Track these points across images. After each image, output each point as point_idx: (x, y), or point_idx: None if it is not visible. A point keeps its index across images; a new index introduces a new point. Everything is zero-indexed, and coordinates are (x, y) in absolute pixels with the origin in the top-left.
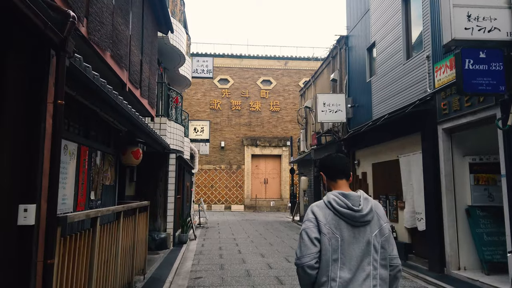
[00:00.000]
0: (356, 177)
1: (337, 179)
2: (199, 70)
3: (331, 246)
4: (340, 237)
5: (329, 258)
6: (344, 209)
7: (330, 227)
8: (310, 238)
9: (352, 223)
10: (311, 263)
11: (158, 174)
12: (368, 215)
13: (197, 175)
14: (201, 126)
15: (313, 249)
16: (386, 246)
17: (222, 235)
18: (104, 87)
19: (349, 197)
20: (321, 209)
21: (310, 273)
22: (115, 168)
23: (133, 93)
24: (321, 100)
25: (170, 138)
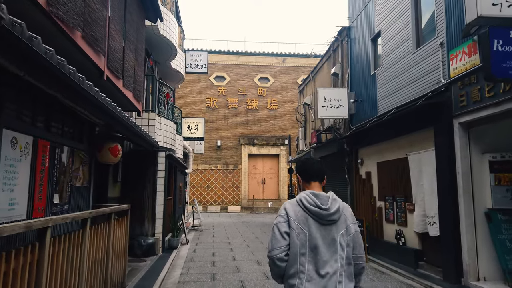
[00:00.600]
0: (359, 177)
1: (311, 181)
2: (193, 65)
3: (299, 241)
4: (308, 233)
5: (297, 251)
6: (312, 207)
7: (299, 222)
8: (280, 232)
9: (319, 221)
10: (280, 255)
11: (146, 174)
12: (335, 215)
13: (192, 175)
14: (195, 123)
15: (282, 242)
16: (351, 245)
17: (216, 239)
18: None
19: (319, 196)
20: (293, 206)
21: (280, 264)
22: (90, 167)
23: (113, 83)
24: (322, 95)
25: (160, 135)
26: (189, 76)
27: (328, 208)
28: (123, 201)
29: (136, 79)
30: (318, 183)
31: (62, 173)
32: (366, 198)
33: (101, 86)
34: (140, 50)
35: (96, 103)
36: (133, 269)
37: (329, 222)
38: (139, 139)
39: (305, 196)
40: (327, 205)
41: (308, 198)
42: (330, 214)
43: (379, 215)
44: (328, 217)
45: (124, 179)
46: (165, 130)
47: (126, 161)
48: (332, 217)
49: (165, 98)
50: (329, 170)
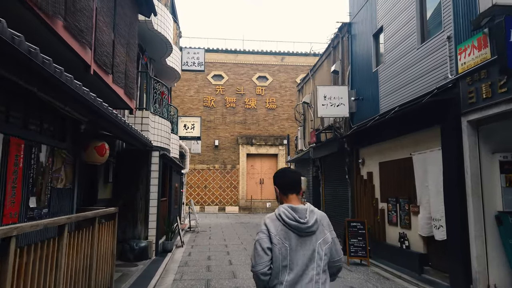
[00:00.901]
0: (360, 177)
1: (288, 193)
2: (190, 62)
3: (281, 254)
4: (289, 246)
5: (280, 264)
6: (292, 221)
7: (280, 237)
8: (263, 248)
9: (299, 233)
10: (264, 270)
11: (139, 174)
12: (313, 226)
13: (190, 175)
14: (192, 122)
15: (265, 258)
16: (329, 253)
17: (213, 241)
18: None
19: (297, 210)
20: (273, 221)
21: (264, 279)
22: (74, 167)
23: (102, 79)
24: (322, 93)
25: (154, 134)
26: (187, 74)
27: (307, 221)
28: (115, 202)
29: (128, 76)
30: (295, 195)
31: (40, 174)
32: (367, 200)
33: (88, 82)
34: (132, 45)
35: (78, 98)
36: (124, 274)
37: (308, 234)
38: (130, 137)
39: (284, 211)
40: (306, 218)
41: (287, 213)
42: (308, 227)
43: (381, 217)
44: (307, 230)
45: (116, 180)
46: (159, 129)
47: (118, 161)
48: (310, 229)
49: (160, 96)
50: (329, 170)
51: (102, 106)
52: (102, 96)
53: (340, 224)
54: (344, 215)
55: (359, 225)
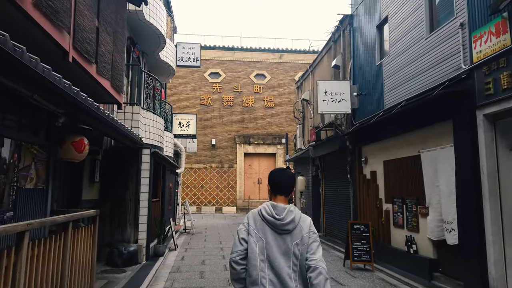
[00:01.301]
0: (363, 177)
1: (277, 194)
2: (185, 58)
3: (257, 248)
4: (265, 240)
5: (257, 257)
6: (269, 217)
7: (257, 231)
8: (239, 238)
9: (275, 230)
10: (236, 258)
11: (128, 173)
12: (289, 225)
13: (186, 174)
14: (187, 120)
15: (239, 247)
16: (304, 254)
17: (208, 244)
18: None
19: (276, 207)
20: (254, 216)
21: (236, 267)
22: (48, 165)
23: (83, 68)
24: (322, 88)
25: (145, 131)
26: (183, 72)
27: (282, 218)
28: (102, 203)
29: (115, 67)
30: (283, 197)
31: (3, 172)
32: (371, 200)
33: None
34: (120, 34)
35: (47, 85)
36: (110, 282)
37: (283, 232)
38: (116, 133)
39: (265, 207)
40: (282, 215)
41: (267, 209)
42: (283, 224)
43: (386, 219)
44: (282, 227)
45: (104, 180)
46: (151, 125)
47: (106, 159)
48: (286, 227)
49: (152, 90)
50: (330, 170)
51: (80, 96)
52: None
53: (342, 226)
54: (346, 217)
55: (363, 227)
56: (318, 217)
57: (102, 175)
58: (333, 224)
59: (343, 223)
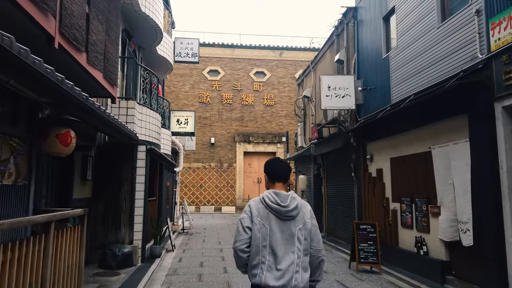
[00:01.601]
0: (368, 175)
1: (276, 182)
2: (183, 53)
3: (261, 234)
4: (268, 227)
5: (259, 244)
6: (273, 204)
7: (261, 218)
8: (243, 227)
9: (279, 216)
10: (242, 247)
11: (122, 171)
12: (293, 211)
13: (185, 173)
14: (185, 117)
15: (244, 235)
16: (308, 238)
17: (207, 245)
18: None
19: (279, 195)
20: (256, 204)
21: (241, 255)
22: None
23: (72, 56)
24: (326, 83)
25: (141, 127)
26: (181, 70)
27: (287, 205)
28: (95, 202)
29: (107, 58)
30: (281, 184)
31: None
32: (377, 199)
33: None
34: (113, 24)
35: (26, 69)
36: (102, 285)
37: (288, 218)
38: (109, 128)
39: (268, 194)
40: (286, 202)
41: (270, 197)
42: (288, 211)
43: (393, 219)
44: (286, 213)
45: (97, 177)
46: (147, 121)
47: (99, 156)
48: (290, 213)
49: (149, 85)
50: (332, 168)
51: (65, 84)
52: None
53: (345, 226)
54: (350, 216)
55: (370, 227)
56: (320, 217)
57: (95, 172)
58: (336, 224)
59: (347, 223)
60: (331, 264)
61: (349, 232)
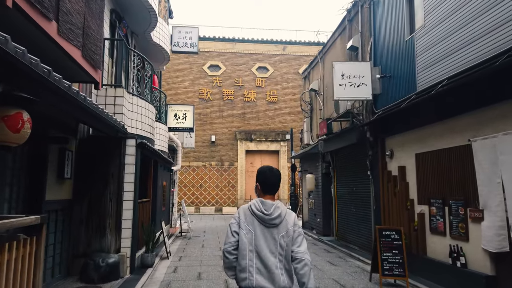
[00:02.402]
0: (387, 173)
1: (266, 194)
2: (181, 43)
3: (247, 239)
4: (253, 232)
5: (246, 248)
6: (258, 212)
7: (247, 224)
8: (231, 231)
9: (263, 223)
10: (229, 249)
11: (108, 168)
12: (276, 219)
13: (184, 173)
14: (183, 111)
15: (232, 239)
16: (290, 245)
17: (206, 250)
18: None
19: (265, 203)
20: (244, 211)
21: (228, 257)
22: None
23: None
24: (339, 70)
25: (132, 119)
26: (181, 65)
27: (270, 213)
28: (75, 204)
29: (88, 34)
30: (272, 196)
31: None
32: (399, 201)
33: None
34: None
35: None
36: None
37: (271, 225)
38: (84, 114)
39: (254, 202)
40: (270, 211)
41: (256, 205)
42: (271, 219)
43: (420, 224)
44: (270, 221)
45: (78, 175)
46: (139, 113)
47: (81, 151)
48: (273, 221)
49: (141, 73)
50: (344, 166)
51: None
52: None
53: (360, 231)
54: (365, 219)
55: (394, 234)
56: (329, 219)
57: (76, 170)
58: (348, 227)
59: (362, 227)
60: (348, 275)
61: (363, 237)
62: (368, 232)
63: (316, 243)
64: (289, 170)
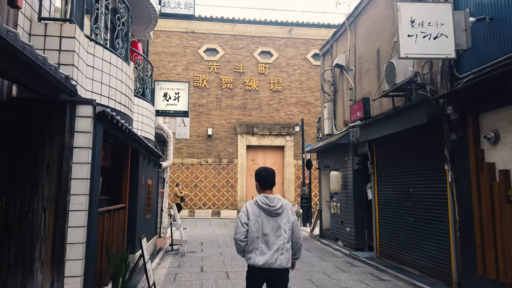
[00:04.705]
0: (487, 166)
1: (266, 189)
2: (173, 3)
3: (255, 228)
4: (261, 223)
5: (254, 235)
6: (264, 205)
7: (255, 216)
8: (242, 222)
9: (269, 214)
10: (241, 238)
11: (41, 154)
12: (279, 209)
13: (176, 171)
14: (175, 90)
15: (242, 229)
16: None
17: (208, 280)
18: None
19: (269, 198)
20: (251, 205)
21: (241, 244)
22: None
23: None
24: (407, 15)
25: (92, 79)
26: (173, 48)
27: (274, 205)
28: None
29: None
30: (270, 190)
31: None
32: (510, 209)
33: None
34: None
35: None
36: None
37: (275, 215)
38: None
39: (260, 198)
40: (274, 203)
41: (262, 199)
42: (275, 209)
43: None
44: (274, 211)
45: None
46: (106, 72)
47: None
48: (277, 211)
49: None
50: (392, 159)
51: None
52: None
53: (425, 252)
54: (435, 236)
55: None
56: (362, 229)
57: None
58: (399, 243)
59: (426, 245)
60: None
61: (430, 259)
62: (441, 254)
63: (351, 262)
64: (296, 168)
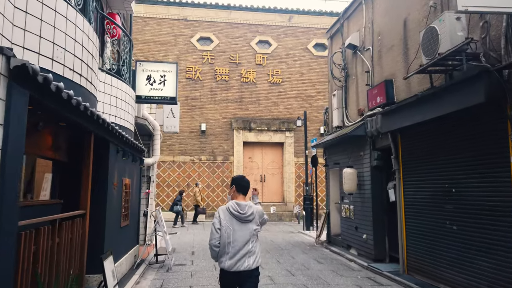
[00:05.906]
0: None
1: (240, 194)
2: None
3: (226, 234)
4: (232, 228)
5: (225, 240)
6: (235, 212)
7: (226, 222)
8: (215, 228)
9: (240, 220)
10: (215, 243)
11: None
12: (249, 216)
13: (167, 170)
14: (161, 72)
15: (216, 235)
16: (259, 228)
17: None
18: None
19: (240, 205)
20: (223, 211)
21: (215, 249)
22: None
23: None
24: None
25: (22, 28)
26: (163, 36)
27: (245, 213)
28: None
29: None
30: (242, 196)
31: None
32: None
33: None
34: None
35: None
36: None
37: (246, 221)
38: None
39: (232, 205)
40: (245, 211)
41: (233, 206)
42: (246, 216)
43: None
44: (245, 218)
45: None
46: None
47: None
48: (247, 218)
49: None
50: (426, 152)
51: None
52: None
53: (477, 270)
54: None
55: None
56: (383, 237)
57: None
58: (437, 256)
59: (476, 260)
60: None
61: (486, 280)
62: (503, 274)
63: (374, 277)
64: (296, 166)
